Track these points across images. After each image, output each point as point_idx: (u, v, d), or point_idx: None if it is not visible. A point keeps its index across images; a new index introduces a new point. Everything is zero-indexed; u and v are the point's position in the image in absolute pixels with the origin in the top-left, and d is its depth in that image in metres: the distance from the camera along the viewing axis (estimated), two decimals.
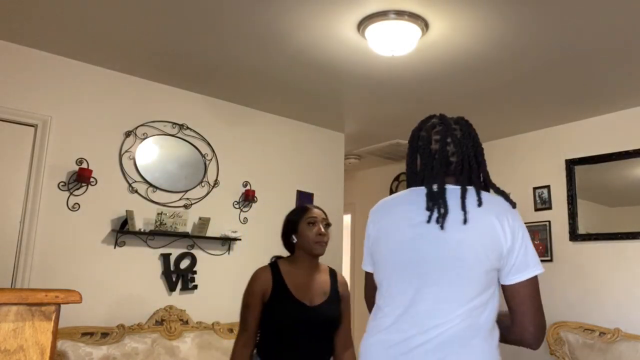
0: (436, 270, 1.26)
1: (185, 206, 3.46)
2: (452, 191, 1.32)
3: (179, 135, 3.51)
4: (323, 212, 2.04)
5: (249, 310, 1.90)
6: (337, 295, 2.01)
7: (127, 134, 3.28)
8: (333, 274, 2.07)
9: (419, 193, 1.35)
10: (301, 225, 1.98)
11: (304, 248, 1.97)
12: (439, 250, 1.27)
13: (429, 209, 1.30)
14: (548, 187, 4.10)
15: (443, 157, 1.35)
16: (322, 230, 1.97)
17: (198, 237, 3.41)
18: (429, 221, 1.28)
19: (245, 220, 3.76)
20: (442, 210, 1.29)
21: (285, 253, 2.07)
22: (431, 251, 1.27)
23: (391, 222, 1.36)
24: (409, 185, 1.45)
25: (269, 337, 1.90)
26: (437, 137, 1.38)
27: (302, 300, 1.91)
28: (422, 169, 1.39)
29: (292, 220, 2.02)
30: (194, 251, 3.44)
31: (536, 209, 4.14)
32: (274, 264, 1.99)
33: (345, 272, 5.11)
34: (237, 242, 3.65)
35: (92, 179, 3.07)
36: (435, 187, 1.32)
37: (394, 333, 1.25)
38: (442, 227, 1.27)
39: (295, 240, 1.99)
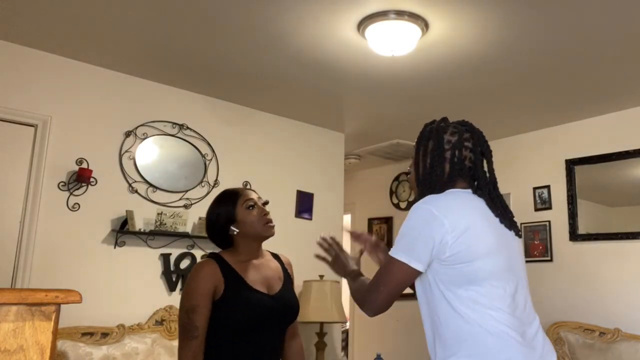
0: (521, 273, 1.41)
1: (185, 206, 3.46)
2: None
3: (179, 135, 3.51)
4: (255, 191, 1.83)
5: (198, 313, 1.58)
6: (289, 279, 1.84)
7: (127, 134, 3.28)
8: (276, 256, 1.88)
9: (470, 197, 1.42)
10: (239, 212, 1.72)
11: (250, 235, 1.73)
12: (519, 256, 1.44)
13: (501, 215, 1.42)
14: (548, 187, 4.09)
15: (481, 165, 1.46)
16: (265, 209, 1.76)
17: (198, 237, 3.41)
18: (509, 229, 1.42)
19: None
20: (512, 218, 1.45)
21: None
22: (516, 256, 1.42)
23: (473, 224, 1.34)
24: (429, 189, 1.43)
25: (221, 342, 1.62)
26: (468, 144, 1.45)
27: (262, 290, 1.70)
28: (452, 174, 1.43)
29: (225, 211, 1.73)
30: (194, 251, 3.44)
31: (536, 209, 4.14)
32: (216, 256, 1.71)
33: None
34: None
35: (92, 179, 3.07)
36: (487, 194, 1.44)
37: (515, 329, 1.31)
38: (519, 235, 1.45)
39: (236, 231, 1.71)
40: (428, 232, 1.32)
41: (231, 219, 1.72)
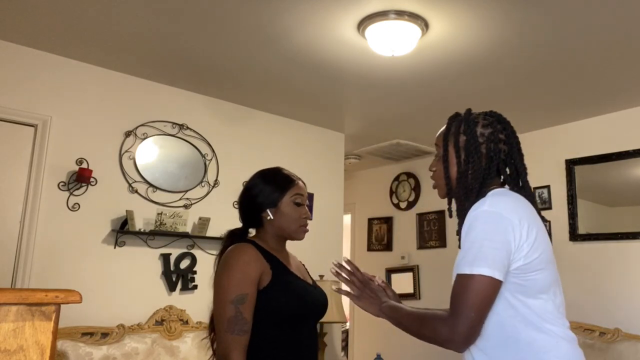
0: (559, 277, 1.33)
1: (185, 206, 3.46)
2: None
3: (179, 135, 3.51)
4: (304, 184, 1.70)
5: (247, 304, 1.42)
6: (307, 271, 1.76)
7: (127, 134, 3.28)
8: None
9: (518, 197, 1.30)
10: (285, 202, 1.59)
11: (281, 229, 1.60)
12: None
13: (539, 213, 1.32)
14: (548, 187, 4.09)
15: (519, 157, 1.37)
16: (308, 212, 1.65)
17: (198, 237, 3.41)
18: (549, 232, 1.34)
19: None
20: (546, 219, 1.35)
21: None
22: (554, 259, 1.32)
23: (538, 228, 1.25)
24: (467, 187, 1.32)
25: (262, 335, 1.47)
26: (502, 136, 1.35)
27: (304, 280, 1.61)
28: (490, 169, 1.31)
29: (270, 193, 1.60)
30: (194, 251, 3.44)
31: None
32: (249, 241, 1.58)
33: None
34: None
35: (92, 179, 3.07)
36: (529, 190, 1.36)
37: (572, 331, 1.27)
38: (550, 238, 1.36)
39: (270, 217, 1.58)
40: (504, 238, 1.17)
41: (273, 203, 1.59)
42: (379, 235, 5.48)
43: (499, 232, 1.18)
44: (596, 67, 3.05)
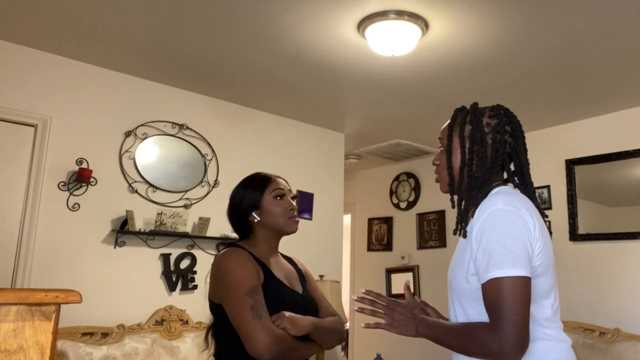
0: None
1: (185, 206, 3.46)
2: None
3: (179, 135, 3.51)
4: (285, 181, 1.70)
5: (259, 294, 1.41)
6: (304, 278, 1.71)
7: (127, 134, 3.28)
8: (288, 258, 1.76)
9: (523, 196, 1.27)
10: (265, 199, 1.60)
11: (271, 227, 1.60)
12: None
13: (543, 214, 1.27)
14: (548, 187, 4.09)
15: (524, 152, 1.35)
16: (294, 203, 1.64)
17: (198, 237, 3.41)
18: (550, 232, 1.27)
19: None
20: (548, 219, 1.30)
21: None
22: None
23: (544, 230, 1.21)
24: (472, 178, 1.27)
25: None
26: (508, 128, 1.33)
27: (293, 288, 1.58)
28: (495, 161, 1.28)
29: (250, 195, 1.61)
30: (194, 251, 3.44)
31: None
32: (238, 246, 1.57)
33: (345, 274, 5.10)
34: None
35: (92, 179, 3.07)
36: (531, 189, 1.33)
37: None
38: (551, 233, 1.29)
39: (257, 219, 1.59)
40: (525, 236, 1.14)
41: (255, 205, 1.59)
42: (379, 235, 5.48)
43: (520, 230, 1.14)
44: (596, 67, 3.04)
